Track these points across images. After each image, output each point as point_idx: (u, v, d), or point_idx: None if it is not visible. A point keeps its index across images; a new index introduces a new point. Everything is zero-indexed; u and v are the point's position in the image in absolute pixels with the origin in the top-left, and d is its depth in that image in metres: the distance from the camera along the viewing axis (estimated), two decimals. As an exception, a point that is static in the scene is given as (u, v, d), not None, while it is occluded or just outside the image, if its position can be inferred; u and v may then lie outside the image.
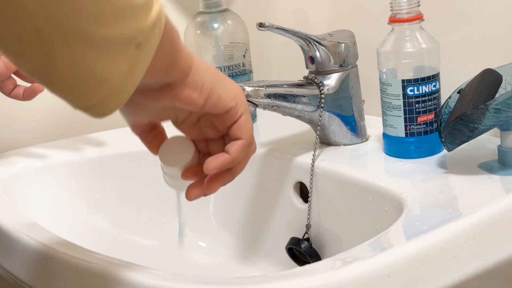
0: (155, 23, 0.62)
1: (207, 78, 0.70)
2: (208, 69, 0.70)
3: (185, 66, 0.69)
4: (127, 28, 0.60)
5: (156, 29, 0.62)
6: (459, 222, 0.77)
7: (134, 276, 0.73)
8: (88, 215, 1.08)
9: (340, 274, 0.69)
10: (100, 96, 0.61)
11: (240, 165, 0.73)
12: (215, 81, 0.70)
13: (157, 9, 0.63)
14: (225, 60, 1.14)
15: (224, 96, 0.71)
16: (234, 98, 0.71)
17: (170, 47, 0.66)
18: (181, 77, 0.69)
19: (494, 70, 0.91)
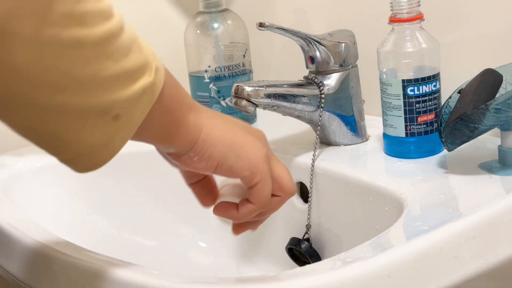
0: (141, 95, 0.61)
1: (217, 148, 0.69)
2: (220, 139, 0.69)
3: (188, 140, 0.68)
4: (95, 100, 0.59)
5: (141, 102, 0.61)
6: (459, 222, 0.77)
7: (134, 276, 0.72)
8: (88, 215, 1.08)
9: (340, 274, 0.69)
10: (69, 156, 0.61)
11: (266, 215, 0.75)
12: (227, 151, 0.69)
13: (146, 82, 0.62)
14: (225, 60, 1.14)
15: (236, 166, 0.70)
16: (248, 168, 0.70)
17: (166, 121, 0.66)
18: (183, 149, 0.69)
19: (495, 70, 0.91)
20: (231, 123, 0.72)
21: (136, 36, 0.63)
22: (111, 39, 0.59)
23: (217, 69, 1.14)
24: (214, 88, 1.14)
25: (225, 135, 0.70)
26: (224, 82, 1.14)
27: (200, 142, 0.68)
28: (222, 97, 1.14)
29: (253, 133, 0.73)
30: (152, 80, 0.62)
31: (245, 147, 0.70)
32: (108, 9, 0.60)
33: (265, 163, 0.71)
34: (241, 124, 0.73)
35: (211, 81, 1.14)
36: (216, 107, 1.15)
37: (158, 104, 0.63)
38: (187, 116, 0.67)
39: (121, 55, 0.60)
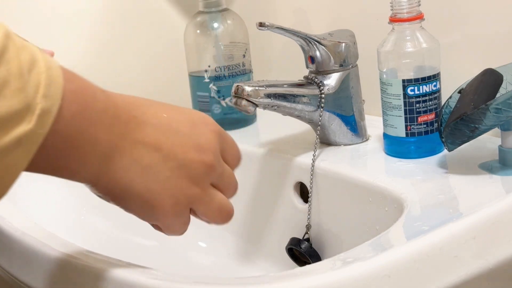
0: (14, 147, 0.53)
1: (116, 201, 0.64)
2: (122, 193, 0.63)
3: (83, 181, 0.62)
4: None
5: (15, 152, 0.53)
6: (460, 222, 0.76)
7: (134, 276, 0.72)
8: (88, 215, 1.08)
9: (340, 274, 0.69)
10: None
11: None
12: (129, 204, 0.64)
13: (24, 130, 0.53)
14: (225, 60, 1.14)
15: (140, 216, 0.66)
16: (151, 220, 0.67)
17: (57, 164, 0.59)
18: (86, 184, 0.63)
19: (495, 69, 0.91)
20: (161, 152, 0.63)
21: (19, 72, 0.53)
22: None
23: (217, 69, 1.14)
24: (214, 88, 1.14)
25: (132, 189, 0.63)
26: (224, 82, 1.14)
27: (98, 187, 0.63)
28: (222, 97, 1.14)
29: (194, 141, 0.65)
30: (30, 128, 0.53)
31: (152, 202, 0.64)
32: None
33: (176, 211, 0.66)
34: (183, 132, 0.65)
35: (211, 81, 1.14)
36: (216, 107, 1.15)
37: (43, 150, 0.56)
38: (88, 161, 0.60)
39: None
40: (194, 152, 0.65)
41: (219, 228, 1.11)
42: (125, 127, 0.62)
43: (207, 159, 0.65)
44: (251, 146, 1.07)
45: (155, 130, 0.63)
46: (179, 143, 0.64)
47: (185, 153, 0.64)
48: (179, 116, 0.66)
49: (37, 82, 0.54)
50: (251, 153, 1.06)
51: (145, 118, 0.63)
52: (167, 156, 0.64)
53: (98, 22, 1.27)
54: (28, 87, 0.53)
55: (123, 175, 0.62)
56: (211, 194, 0.67)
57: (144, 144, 0.63)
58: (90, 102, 0.59)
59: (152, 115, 0.64)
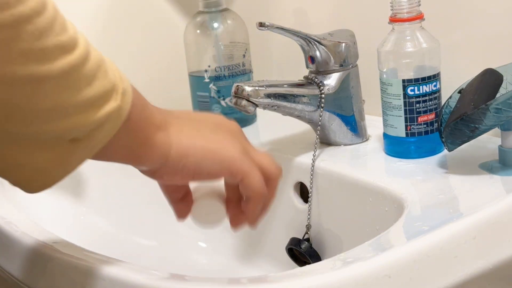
0: (104, 121, 0.61)
1: (189, 159, 0.69)
2: (191, 150, 0.69)
3: (157, 158, 0.68)
4: (51, 127, 0.59)
5: (104, 127, 0.61)
6: (460, 223, 0.76)
7: (134, 276, 0.72)
8: (88, 215, 1.08)
9: (340, 274, 0.69)
10: (20, 177, 0.61)
11: (268, 200, 0.75)
12: (200, 160, 0.69)
13: (111, 107, 0.61)
14: (225, 60, 1.14)
15: (214, 171, 0.70)
16: (227, 169, 0.70)
17: (133, 142, 0.66)
18: (154, 167, 0.69)
19: (495, 69, 0.91)
20: (201, 126, 0.72)
21: (103, 61, 0.63)
22: (71, 72, 0.59)
23: (217, 69, 1.14)
24: (214, 88, 1.14)
25: (196, 144, 0.70)
26: (224, 82, 1.14)
27: (170, 159, 0.68)
28: (222, 97, 1.14)
29: (225, 129, 0.72)
30: (118, 105, 0.62)
31: (218, 150, 0.70)
32: (71, 41, 0.60)
33: (243, 157, 0.71)
34: (211, 122, 0.73)
35: (211, 81, 1.14)
36: (216, 107, 1.15)
37: (124, 126, 0.63)
38: (155, 135, 0.67)
39: (84, 84, 0.60)
40: (222, 123, 0.73)
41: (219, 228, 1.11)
42: (167, 114, 0.70)
43: (233, 126, 0.73)
44: (251, 146, 1.07)
45: (187, 120, 0.72)
46: (207, 120, 0.73)
47: (215, 124, 0.73)
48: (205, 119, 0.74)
49: (113, 68, 0.64)
50: (251, 153, 1.06)
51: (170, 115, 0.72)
52: (204, 124, 0.72)
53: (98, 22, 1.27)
54: (109, 70, 0.62)
55: (182, 139, 0.69)
56: (256, 152, 0.74)
57: (184, 120, 0.71)
58: (138, 96, 0.67)
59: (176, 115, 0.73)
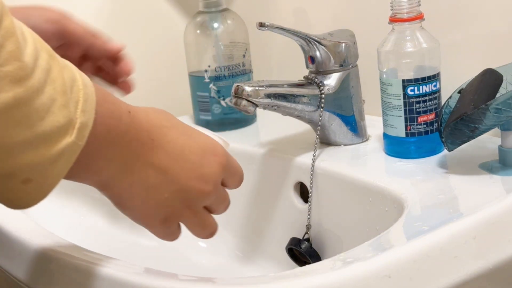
0: (57, 159, 0.59)
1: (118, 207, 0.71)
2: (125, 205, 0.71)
3: (90, 184, 0.68)
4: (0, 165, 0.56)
5: (57, 165, 0.59)
6: (460, 223, 0.76)
7: (134, 276, 0.72)
8: (88, 215, 1.08)
9: (340, 274, 0.69)
10: None
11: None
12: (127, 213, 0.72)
13: (65, 144, 0.58)
14: (225, 60, 1.14)
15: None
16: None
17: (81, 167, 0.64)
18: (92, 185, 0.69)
19: (495, 69, 0.91)
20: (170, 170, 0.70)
21: (63, 89, 0.58)
22: (20, 106, 0.55)
23: (217, 69, 1.14)
24: (214, 88, 1.14)
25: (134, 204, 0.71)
26: (224, 82, 1.14)
27: (106, 195, 0.69)
28: (222, 97, 1.14)
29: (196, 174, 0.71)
30: (72, 141, 0.59)
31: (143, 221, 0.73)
32: (23, 70, 0.55)
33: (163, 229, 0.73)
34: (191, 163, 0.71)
35: (211, 81, 1.14)
36: (216, 107, 1.15)
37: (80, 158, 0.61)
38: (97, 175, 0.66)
39: (35, 119, 0.56)
40: (196, 181, 0.71)
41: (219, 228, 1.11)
42: (141, 148, 0.68)
43: (206, 189, 0.72)
44: (251, 146, 1.07)
45: (168, 155, 0.69)
46: (185, 170, 0.70)
47: (187, 180, 0.70)
48: (192, 143, 0.72)
49: (77, 99, 0.60)
50: (251, 153, 1.06)
51: (161, 143, 0.69)
52: (171, 181, 0.70)
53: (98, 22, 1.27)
54: (70, 103, 0.59)
55: (127, 189, 0.68)
56: (200, 216, 0.74)
57: (154, 166, 0.69)
58: (115, 125, 0.64)
59: (168, 139, 0.70)
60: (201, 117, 1.16)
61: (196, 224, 0.74)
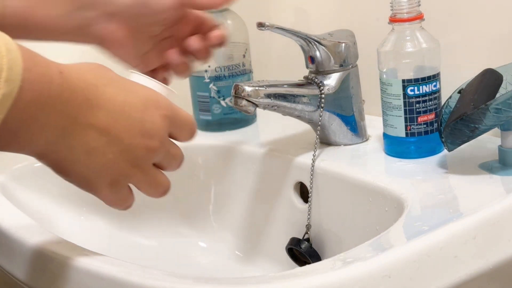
0: None
1: (60, 174, 0.69)
2: (69, 168, 0.68)
3: (28, 153, 0.66)
4: None
5: None
6: (460, 223, 0.77)
7: (134, 276, 0.72)
8: (88, 215, 1.08)
9: (340, 274, 0.69)
10: None
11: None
12: (70, 179, 0.69)
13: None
14: (225, 60, 1.14)
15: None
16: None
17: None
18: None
19: (495, 70, 0.91)
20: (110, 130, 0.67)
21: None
22: None
23: (217, 69, 1.14)
24: (214, 88, 1.14)
25: (75, 168, 0.68)
26: (224, 82, 1.14)
27: (44, 162, 0.67)
28: (222, 97, 1.14)
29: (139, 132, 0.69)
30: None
31: (89, 185, 0.69)
32: None
33: (108, 193, 0.70)
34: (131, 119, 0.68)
35: (211, 81, 1.14)
36: (216, 107, 1.15)
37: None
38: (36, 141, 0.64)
39: None
40: (140, 138, 0.68)
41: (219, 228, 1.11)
42: (78, 110, 0.65)
43: (151, 144, 0.69)
44: (251, 146, 1.07)
45: (107, 114, 0.66)
46: (127, 128, 0.67)
47: (131, 138, 0.68)
48: (133, 99, 0.69)
49: (0, 67, 0.57)
50: (251, 153, 1.06)
51: (99, 102, 0.66)
52: (113, 141, 0.67)
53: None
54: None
55: (67, 154, 0.66)
56: (150, 174, 0.71)
57: (94, 128, 0.66)
58: (46, 89, 0.62)
59: (107, 96, 0.67)
60: (201, 117, 1.16)
61: (146, 183, 0.71)
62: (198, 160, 1.11)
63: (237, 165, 1.08)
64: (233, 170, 1.09)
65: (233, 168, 1.09)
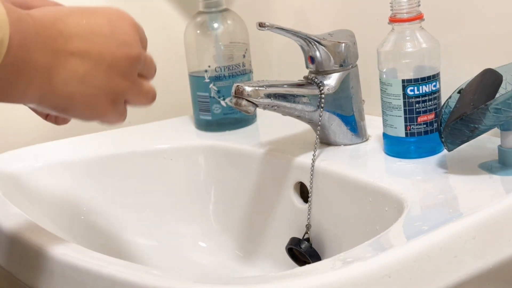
0: None
1: (64, 111, 0.69)
2: (68, 102, 0.68)
3: (29, 101, 0.67)
4: None
5: None
6: (460, 222, 0.77)
7: (134, 276, 0.72)
8: (88, 215, 1.08)
9: (340, 274, 0.69)
10: None
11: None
12: (76, 113, 0.70)
13: None
14: (225, 60, 1.14)
15: (87, 120, 0.71)
16: (97, 120, 0.72)
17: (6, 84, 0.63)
18: (32, 105, 0.68)
19: (495, 70, 0.91)
20: (96, 60, 0.69)
21: None
22: None
23: (217, 69, 1.14)
24: (214, 88, 1.14)
25: (74, 99, 0.68)
26: (224, 82, 1.14)
27: (45, 105, 0.68)
28: (222, 97, 1.14)
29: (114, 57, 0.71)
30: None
31: (93, 110, 0.70)
32: None
33: (113, 112, 0.71)
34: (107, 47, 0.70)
35: (211, 81, 1.14)
36: (216, 107, 1.15)
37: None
38: (30, 84, 0.65)
39: None
40: (120, 50, 0.70)
41: (219, 228, 1.11)
42: (55, 43, 0.66)
43: (132, 52, 0.71)
44: (251, 146, 1.07)
45: (81, 39, 0.68)
46: (104, 45, 0.69)
47: (112, 53, 0.70)
48: (97, 19, 0.70)
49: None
50: (251, 153, 1.06)
51: (68, 30, 0.68)
52: (98, 61, 0.69)
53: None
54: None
55: (63, 89, 0.67)
56: (139, 83, 0.73)
57: (75, 55, 0.67)
58: (25, 28, 0.63)
59: (74, 24, 0.68)
60: (201, 117, 1.16)
61: (138, 93, 0.73)
62: (198, 160, 1.11)
63: (237, 165, 1.08)
64: (233, 170, 1.09)
65: (233, 168, 1.09)
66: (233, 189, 1.09)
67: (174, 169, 1.11)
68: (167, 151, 1.12)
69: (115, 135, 1.16)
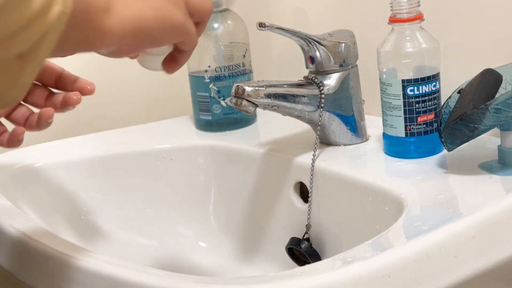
0: (49, 29, 0.60)
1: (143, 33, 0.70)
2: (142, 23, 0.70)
3: (110, 41, 0.68)
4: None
5: (50, 34, 0.60)
6: (460, 222, 0.77)
7: (134, 276, 0.73)
8: (88, 215, 1.08)
9: (340, 274, 0.69)
10: None
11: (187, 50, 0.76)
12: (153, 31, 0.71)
13: (52, 16, 0.60)
14: (225, 60, 1.14)
15: (167, 37, 0.73)
16: (177, 34, 0.73)
17: (81, 36, 0.65)
18: (112, 49, 0.70)
19: (494, 70, 0.91)
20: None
21: None
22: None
23: (217, 69, 1.14)
24: (214, 88, 1.14)
25: (146, 16, 0.70)
26: (224, 82, 1.14)
27: (125, 38, 0.69)
28: (222, 97, 1.15)
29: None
30: (60, 10, 0.61)
31: (168, 18, 0.71)
32: None
33: (187, 19, 0.73)
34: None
35: (211, 81, 1.14)
36: (216, 107, 1.15)
37: (69, 25, 0.62)
38: (103, 20, 0.67)
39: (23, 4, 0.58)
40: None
41: (220, 228, 1.11)
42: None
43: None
44: (251, 146, 1.07)
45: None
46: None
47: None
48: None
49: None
50: (251, 153, 1.06)
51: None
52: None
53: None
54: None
55: (132, 14, 0.69)
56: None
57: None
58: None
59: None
60: (201, 117, 1.16)
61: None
62: (198, 160, 1.11)
63: (237, 165, 1.08)
64: (233, 170, 1.09)
65: (233, 168, 1.09)
66: (233, 189, 1.09)
67: (174, 169, 1.11)
68: (167, 151, 1.12)
69: (115, 135, 1.16)
